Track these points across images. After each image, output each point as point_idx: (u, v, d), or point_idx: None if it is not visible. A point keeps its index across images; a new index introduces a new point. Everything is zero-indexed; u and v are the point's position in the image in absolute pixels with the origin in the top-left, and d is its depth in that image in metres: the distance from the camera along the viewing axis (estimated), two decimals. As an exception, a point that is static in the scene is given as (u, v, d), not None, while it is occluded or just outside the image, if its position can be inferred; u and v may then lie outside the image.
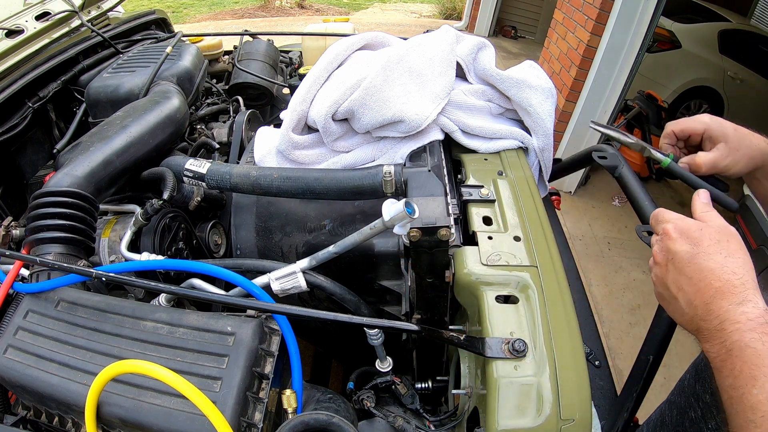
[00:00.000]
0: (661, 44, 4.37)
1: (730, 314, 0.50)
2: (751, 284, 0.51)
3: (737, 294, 0.50)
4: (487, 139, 0.98)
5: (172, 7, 8.22)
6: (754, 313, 0.49)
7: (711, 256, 0.54)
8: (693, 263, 0.55)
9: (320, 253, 0.77)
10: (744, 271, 0.52)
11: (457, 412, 0.82)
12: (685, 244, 0.57)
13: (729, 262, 0.53)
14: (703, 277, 0.53)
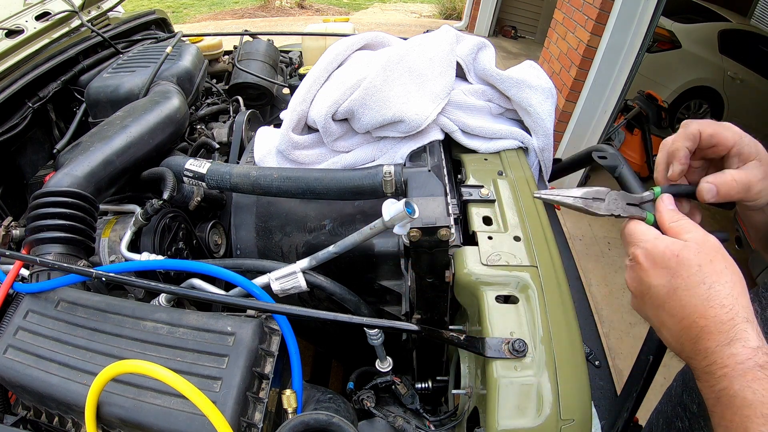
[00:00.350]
0: (661, 44, 4.37)
1: (717, 356, 0.45)
2: (742, 315, 0.45)
3: (725, 333, 0.45)
4: (487, 139, 0.98)
5: (172, 7, 8.22)
6: (743, 354, 0.43)
7: (692, 290, 0.47)
8: (673, 299, 0.49)
9: (320, 253, 0.77)
10: (732, 300, 0.46)
11: (457, 412, 0.82)
12: (661, 276, 0.50)
13: (714, 294, 0.46)
14: (687, 315, 0.47)
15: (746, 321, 0.45)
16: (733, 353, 0.44)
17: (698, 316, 0.46)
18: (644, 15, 2.88)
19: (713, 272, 0.47)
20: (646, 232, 0.54)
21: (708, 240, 0.50)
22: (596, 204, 0.59)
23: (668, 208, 0.55)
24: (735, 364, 0.43)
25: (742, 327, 0.44)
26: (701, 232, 0.51)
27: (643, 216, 0.57)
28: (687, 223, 0.53)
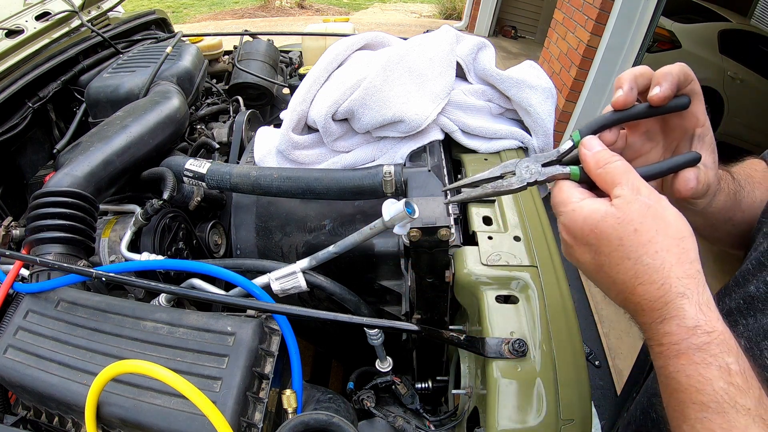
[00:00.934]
0: (661, 44, 4.37)
1: (653, 333, 0.41)
2: (676, 289, 0.40)
3: (657, 310, 0.41)
4: (487, 139, 0.98)
5: (172, 7, 8.22)
6: (678, 334, 0.39)
7: (617, 267, 0.42)
8: (601, 276, 0.45)
9: (320, 253, 0.77)
10: (663, 274, 0.40)
11: (457, 412, 0.82)
12: (585, 253, 0.45)
13: (641, 269, 0.41)
14: (619, 291, 0.44)
15: (681, 296, 0.40)
16: (667, 332, 0.40)
17: (629, 293, 0.42)
18: (644, 15, 2.88)
19: (638, 244, 0.41)
20: (566, 199, 0.46)
21: (636, 200, 0.42)
22: (507, 181, 0.49)
23: (594, 151, 0.46)
24: (669, 344, 0.40)
25: (676, 304, 0.40)
26: (632, 184, 0.43)
27: (566, 172, 0.47)
28: (619, 166, 0.44)
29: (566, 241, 0.47)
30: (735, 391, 0.37)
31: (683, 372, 0.39)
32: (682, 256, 0.41)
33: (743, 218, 0.63)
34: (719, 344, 0.38)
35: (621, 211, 0.42)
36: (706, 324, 0.39)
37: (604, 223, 0.42)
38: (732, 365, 0.38)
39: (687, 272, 0.41)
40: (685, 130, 0.51)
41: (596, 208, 0.43)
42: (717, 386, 0.37)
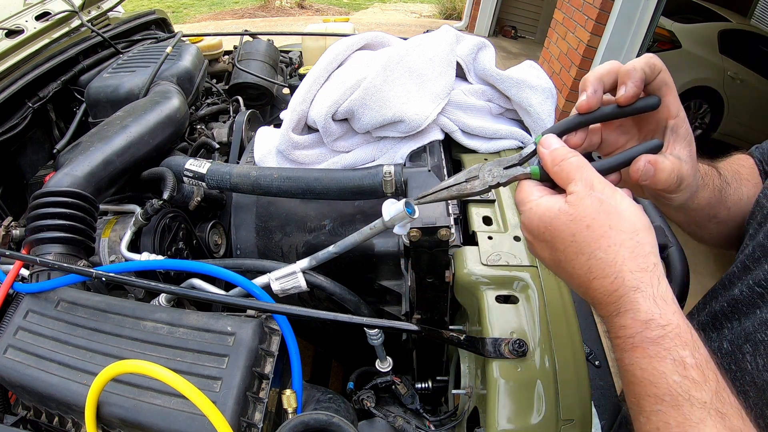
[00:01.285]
0: (661, 44, 4.37)
1: (610, 326, 0.42)
2: (629, 283, 0.40)
3: (612, 303, 0.41)
4: (487, 139, 0.98)
5: (172, 7, 8.22)
6: (632, 327, 0.39)
7: (573, 263, 0.43)
8: (560, 271, 0.46)
9: (320, 253, 0.77)
10: (616, 268, 0.41)
11: (457, 412, 0.82)
12: (543, 249, 0.46)
13: (594, 264, 0.41)
14: (577, 285, 0.44)
15: (635, 290, 0.40)
16: (623, 325, 0.40)
17: (585, 287, 0.43)
18: (644, 15, 2.88)
19: (591, 239, 0.41)
20: (524, 198, 0.47)
21: (589, 195, 0.42)
22: (471, 183, 0.51)
23: (551, 149, 0.46)
24: (625, 337, 0.40)
25: (630, 297, 0.40)
26: (585, 180, 0.43)
27: (527, 172, 0.49)
28: (573, 162, 0.44)
29: (527, 238, 0.48)
30: (690, 384, 0.37)
31: (638, 365, 0.39)
32: (636, 249, 0.41)
33: (729, 215, 0.62)
34: (674, 337, 0.38)
35: (574, 208, 0.42)
36: (661, 317, 0.39)
37: (558, 220, 0.43)
38: (687, 358, 0.38)
39: (641, 266, 0.41)
40: (657, 122, 0.50)
41: (550, 206, 0.44)
42: (671, 380, 0.37)
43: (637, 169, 0.47)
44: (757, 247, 0.55)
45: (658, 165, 0.46)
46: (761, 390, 0.46)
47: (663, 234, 0.79)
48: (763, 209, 0.58)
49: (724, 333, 0.56)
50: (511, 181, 0.50)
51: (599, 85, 0.47)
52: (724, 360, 0.53)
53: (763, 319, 0.49)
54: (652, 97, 0.48)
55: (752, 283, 0.53)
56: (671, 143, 0.49)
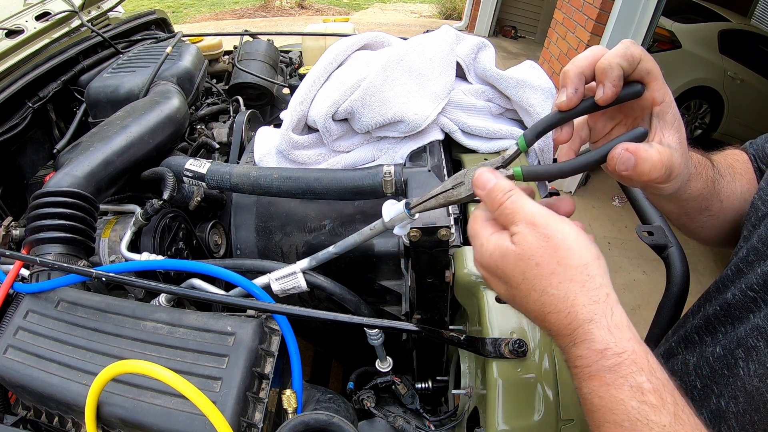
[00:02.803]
0: (661, 44, 4.37)
1: (568, 356, 0.42)
2: (582, 316, 0.41)
3: (568, 335, 0.41)
4: (487, 139, 0.98)
5: (172, 7, 8.22)
6: (589, 357, 0.40)
7: (527, 298, 0.43)
8: (517, 305, 0.46)
9: (320, 254, 0.77)
10: (568, 303, 0.41)
11: (457, 412, 0.82)
12: (498, 284, 0.46)
13: (547, 300, 0.42)
14: (534, 318, 0.45)
15: (589, 322, 0.40)
16: (579, 355, 0.41)
17: (541, 321, 0.44)
18: (644, 15, 2.88)
19: (541, 276, 0.42)
20: (475, 234, 0.47)
21: (533, 233, 0.42)
22: (456, 190, 0.51)
23: (487, 190, 0.46)
24: (582, 367, 0.40)
25: (584, 329, 0.40)
26: (526, 220, 0.43)
27: (510, 174, 0.48)
28: (508, 206, 0.44)
29: (481, 273, 0.48)
30: (648, 409, 0.37)
31: (596, 393, 0.39)
32: (587, 283, 0.41)
33: (721, 209, 0.61)
34: (630, 364, 0.39)
35: (520, 247, 0.43)
36: (616, 346, 0.39)
37: (507, 260, 0.43)
38: (644, 384, 0.38)
39: (593, 298, 0.41)
40: (643, 108, 0.48)
41: (499, 244, 0.44)
42: (629, 405, 0.38)
43: (612, 158, 0.44)
44: (750, 250, 0.54)
45: (639, 154, 0.44)
46: (750, 395, 0.46)
47: (663, 234, 0.78)
48: (757, 211, 0.57)
49: (718, 337, 0.55)
50: None
51: (580, 82, 0.46)
52: (716, 364, 0.53)
53: (755, 325, 0.49)
54: (634, 85, 0.46)
55: (745, 287, 0.52)
56: (658, 130, 0.47)
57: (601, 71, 0.45)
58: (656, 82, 0.46)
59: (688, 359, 0.59)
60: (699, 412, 0.50)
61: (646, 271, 3.02)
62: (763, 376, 0.45)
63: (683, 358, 0.61)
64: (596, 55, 0.46)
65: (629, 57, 0.44)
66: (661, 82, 0.47)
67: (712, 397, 0.51)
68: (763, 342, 0.47)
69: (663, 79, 0.47)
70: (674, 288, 0.77)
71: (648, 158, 0.44)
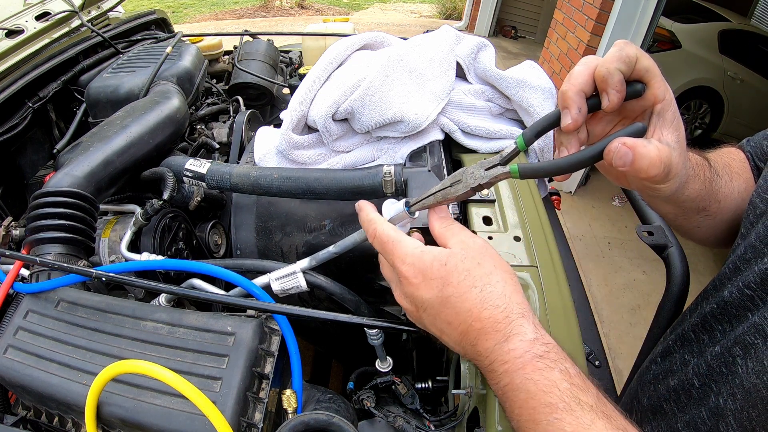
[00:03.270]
0: (661, 44, 4.37)
1: (497, 354, 0.44)
2: (516, 311, 0.45)
3: (501, 331, 0.44)
4: (487, 139, 0.98)
5: (172, 7, 8.22)
6: (521, 348, 0.43)
7: (465, 296, 0.46)
8: (447, 308, 0.47)
9: (320, 253, 0.77)
10: (505, 299, 0.45)
11: (457, 412, 0.82)
12: (432, 288, 0.47)
13: (487, 295, 0.45)
14: (462, 320, 0.46)
15: (521, 316, 0.45)
16: (511, 348, 0.43)
17: (473, 319, 0.45)
18: (644, 15, 2.88)
19: (483, 275, 0.46)
20: (408, 244, 0.50)
21: (474, 243, 0.49)
22: (454, 188, 0.53)
23: (438, 216, 0.53)
24: (514, 359, 0.42)
25: (518, 322, 0.44)
26: (466, 235, 0.50)
27: (506, 171, 0.50)
28: (455, 227, 0.52)
29: (412, 281, 0.49)
30: (577, 390, 0.40)
31: (531, 379, 0.41)
32: (516, 287, 0.48)
33: (719, 209, 0.61)
34: (557, 352, 0.43)
35: (464, 250, 0.48)
36: (543, 337, 0.44)
37: (453, 258, 0.47)
38: (570, 369, 0.42)
39: (521, 300, 0.47)
40: (642, 107, 0.48)
41: (442, 249, 0.49)
42: (562, 386, 0.40)
43: (609, 151, 0.43)
44: (748, 248, 0.54)
45: (637, 149, 0.42)
46: (748, 392, 0.46)
47: (663, 234, 0.78)
48: (756, 209, 0.57)
49: (716, 336, 0.55)
50: (492, 182, 0.51)
51: (582, 100, 0.46)
52: (714, 362, 0.53)
53: (753, 323, 0.49)
54: (635, 85, 0.46)
55: (742, 285, 0.52)
56: (657, 128, 0.47)
57: (602, 80, 0.45)
58: (656, 79, 0.46)
59: (686, 358, 0.59)
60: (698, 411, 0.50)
61: (646, 271, 3.02)
62: (760, 373, 0.45)
63: (681, 357, 0.61)
64: (590, 66, 0.46)
65: (625, 58, 0.44)
66: (661, 79, 0.47)
67: (711, 395, 0.51)
68: (761, 339, 0.47)
69: (662, 76, 0.47)
70: (674, 288, 0.77)
71: (646, 154, 0.42)
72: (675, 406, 0.58)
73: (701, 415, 0.51)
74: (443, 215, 0.53)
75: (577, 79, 0.46)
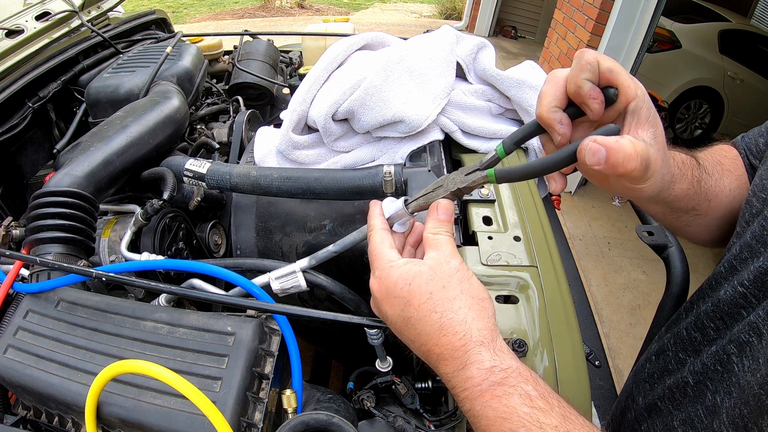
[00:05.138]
0: (661, 44, 4.37)
1: (456, 381, 0.44)
2: (476, 338, 0.44)
3: (459, 358, 0.44)
4: (487, 139, 0.98)
5: (172, 7, 8.22)
6: (478, 376, 0.43)
7: (425, 320, 0.46)
8: (408, 329, 0.47)
9: (320, 252, 0.77)
10: (465, 326, 0.45)
11: (457, 412, 0.82)
12: (394, 306, 0.48)
13: (446, 322, 0.45)
14: (423, 342, 0.46)
15: (480, 344, 0.44)
16: (469, 377, 0.43)
17: (433, 344, 0.45)
18: (644, 15, 2.88)
19: (445, 299, 0.46)
20: (383, 258, 0.50)
21: (447, 263, 0.48)
22: (436, 192, 0.54)
23: (437, 218, 0.52)
24: (472, 387, 0.43)
25: (476, 351, 0.44)
26: (444, 252, 0.49)
27: (484, 175, 0.51)
28: (443, 238, 0.50)
29: (376, 296, 0.50)
30: (539, 413, 0.40)
31: (489, 406, 0.41)
32: (482, 312, 0.46)
33: (709, 207, 0.60)
34: (516, 376, 0.42)
35: (433, 271, 0.47)
36: (502, 363, 0.43)
37: (419, 278, 0.47)
38: (531, 392, 0.41)
39: (485, 326, 0.46)
40: (617, 110, 0.48)
41: (411, 266, 0.48)
42: (521, 412, 0.40)
43: (581, 150, 0.42)
44: (744, 246, 0.54)
45: (609, 145, 0.41)
46: (742, 390, 0.46)
47: (663, 234, 0.79)
48: (751, 207, 0.56)
49: (709, 334, 0.55)
50: (472, 186, 0.52)
51: (560, 115, 0.48)
52: (709, 361, 0.53)
53: (748, 321, 0.49)
54: (608, 89, 0.46)
55: (737, 284, 0.52)
56: (632, 127, 0.46)
57: (575, 95, 0.47)
58: (621, 77, 0.46)
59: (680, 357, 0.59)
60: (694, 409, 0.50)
61: (646, 271, 3.02)
62: (755, 371, 0.45)
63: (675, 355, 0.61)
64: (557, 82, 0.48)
65: (587, 65, 0.46)
66: (627, 76, 0.46)
67: (707, 393, 0.52)
68: (756, 338, 0.47)
69: (628, 74, 0.47)
70: (674, 288, 0.77)
71: (620, 149, 0.41)
72: (670, 404, 0.58)
73: (698, 413, 0.52)
74: (443, 219, 0.52)
75: (546, 99, 0.48)
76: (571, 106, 0.48)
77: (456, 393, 0.44)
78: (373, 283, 0.50)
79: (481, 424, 0.42)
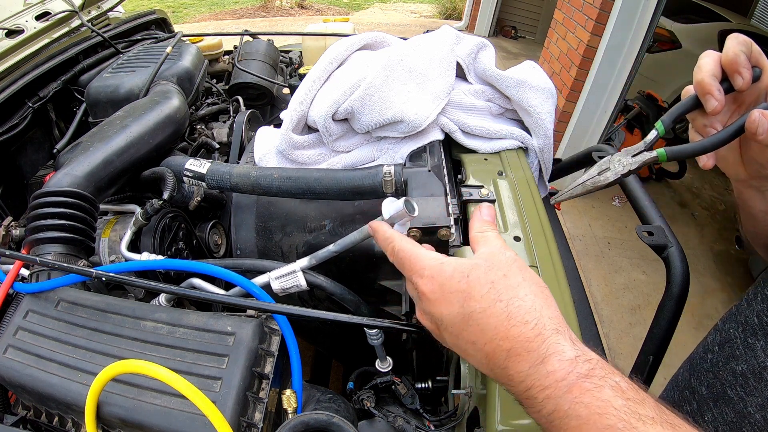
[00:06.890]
0: (661, 44, 4.37)
1: (534, 379, 0.39)
2: (550, 326, 0.40)
3: (535, 350, 0.39)
4: (487, 139, 0.98)
5: (172, 7, 8.22)
6: (562, 369, 0.38)
7: (489, 311, 0.42)
8: (470, 326, 0.43)
9: (320, 252, 0.77)
10: (535, 314, 0.41)
11: (457, 412, 0.82)
12: (452, 303, 0.44)
13: (514, 310, 0.41)
14: (488, 339, 0.41)
15: (556, 332, 0.40)
16: (551, 371, 0.38)
17: (501, 338, 0.41)
18: (644, 15, 2.88)
19: (508, 287, 0.42)
20: (426, 257, 0.48)
21: (502, 254, 0.45)
22: (604, 176, 0.56)
23: (482, 218, 0.52)
24: (556, 383, 0.37)
25: (553, 340, 0.39)
26: (497, 245, 0.47)
27: (654, 156, 0.53)
28: (492, 234, 0.49)
29: (428, 297, 0.46)
30: (634, 405, 0.36)
31: (581, 403, 0.36)
32: (548, 300, 0.43)
33: None
34: (602, 368, 0.38)
35: (490, 261, 0.45)
36: (584, 353, 0.39)
37: (477, 269, 0.44)
38: (621, 383, 0.37)
39: (555, 314, 0.42)
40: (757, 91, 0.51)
41: (464, 260, 0.46)
42: (617, 404, 0.36)
43: (752, 122, 0.46)
44: None
45: None
46: None
47: (663, 234, 0.78)
48: None
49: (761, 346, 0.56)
50: (640, 167, 0.54)
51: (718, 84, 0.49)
52: None
53: None
54: (754, 69, 0.49)
55: None
56: None
57: (731, 62, 0.48)
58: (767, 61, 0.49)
59: (749, 342, 0.59)
60: None
61: (646, 271, 3.02)
62: None
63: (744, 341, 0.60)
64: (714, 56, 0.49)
65: (745, 42, 0.48)
66: None
67: None
68: None
69: None
70: (674, 288, 0.77)
71: None
72: (742, 390, 0.57)
73: None
74: (487, 219, 0.51)
75: (706, 67, 0.49)
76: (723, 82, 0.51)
77: (532, 396, 0.39)
78: (422, 283, 0.46)
79: (570, 424, 0.37)
